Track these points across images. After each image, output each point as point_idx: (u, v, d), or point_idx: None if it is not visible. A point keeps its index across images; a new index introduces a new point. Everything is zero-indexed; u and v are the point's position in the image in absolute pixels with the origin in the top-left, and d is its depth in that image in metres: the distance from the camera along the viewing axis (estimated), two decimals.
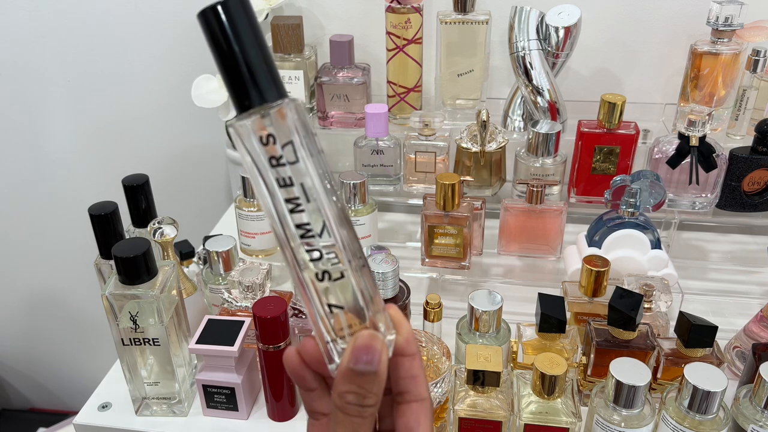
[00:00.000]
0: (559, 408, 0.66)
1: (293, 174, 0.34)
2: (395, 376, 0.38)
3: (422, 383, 0.38)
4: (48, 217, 1.43)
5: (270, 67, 0.34)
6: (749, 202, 0.92)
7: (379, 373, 0.35)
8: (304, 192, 0.34)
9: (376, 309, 0.37)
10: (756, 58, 0.93)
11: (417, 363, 0.38)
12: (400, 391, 0.38)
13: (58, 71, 1.25)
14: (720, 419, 0.64)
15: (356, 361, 0.35)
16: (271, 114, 0.33)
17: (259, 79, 0.33)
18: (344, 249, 0.35)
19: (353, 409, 0.35)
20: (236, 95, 0.33)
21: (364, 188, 0.94)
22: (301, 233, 0.34)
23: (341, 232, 0.35)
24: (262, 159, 0.33)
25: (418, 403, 0.38)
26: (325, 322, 0.36)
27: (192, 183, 1.35)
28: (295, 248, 0.35)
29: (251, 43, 0.33)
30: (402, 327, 0.38)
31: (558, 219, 0.92)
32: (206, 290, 0.88)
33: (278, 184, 0.34)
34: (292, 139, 0.33)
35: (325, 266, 0.35)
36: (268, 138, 0.33)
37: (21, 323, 1.62)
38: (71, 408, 1.73)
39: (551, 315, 0.72)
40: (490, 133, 0.95)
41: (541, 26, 0.96)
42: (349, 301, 0.36)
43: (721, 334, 0.72)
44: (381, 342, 0.35)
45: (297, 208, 0.34)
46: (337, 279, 0.35)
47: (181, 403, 0.77)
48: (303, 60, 1.03)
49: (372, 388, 0.35)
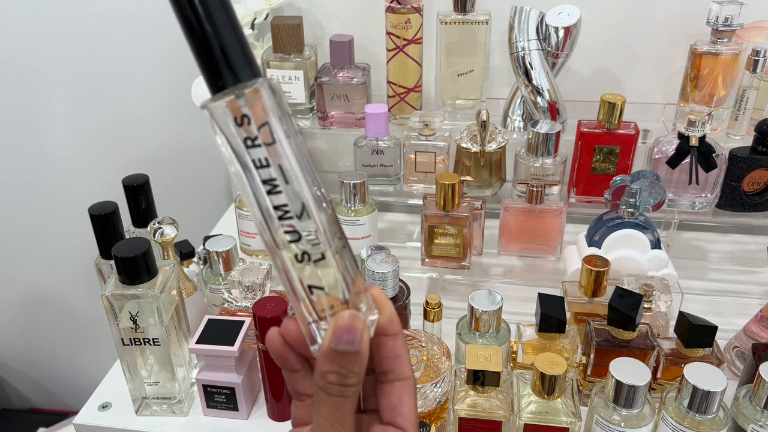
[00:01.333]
0: (559, 408, 0.66)
1: (270, 155, 0.33)
2: (378, 356, 0.38)
3: (405, 362, 0.38)
4: (48, 217, 1.43)
5: (243, 46, 0.32)
6: (749, 202, 0.92)
7: (361, 352, 0.35)
8: (282, 173, 0.33)
9: (358, 290, 0.36)
10: (756, 58, 0.93)
11: (400, 342, 0.38)
12: (384, 371, 0.38)
13: (58, 71, 1.25)
14: (720, 419, 0.64)
15: (337, 341, 0.34)
16: (245, 94, 0.32)
17: (232, 59, 0.32)
18: (324, 230, 0.34)
19: (335, 389, 0.35)
20: (209, 75, 0.32)
21: (364, 188, 0.94)
22: (279, 214, 0.34)
23: (320, 213, 0.34)
24: (237, 140, 0.32)
25: (401, 382, 0.38)
26: (306, 303, 0.36)
27: (192, 183, 1.35)
28: (274, 230, 0.34)
29: (223, 22, 0.31)
30: (384, 307, 0.37)
31: (558, 219, 0.92)
32: (206, 290, 0.88)
33: (254, 165, 0.33)
34: (268, 120, 0.32)
35: (304, 247, 0.34)
36: (243, 119, 0.32)
37: (21, 323, 1.62)
38: (71, 408, 1.73)
39: (551, 315, 0.72)
40: (490, 133, 0.95)
41: (541, 26, 0.96)
42: (330, 282, 0.35)
43: (721, 334, 0.72)
44: (362, 322, 0.35)
45: (274, 189, 0.33)
46: (318, 260, 0.35)
47: (181, 403, 0.77)
48: (303, 60, 1.03)
49: (353, 367, 0.35)
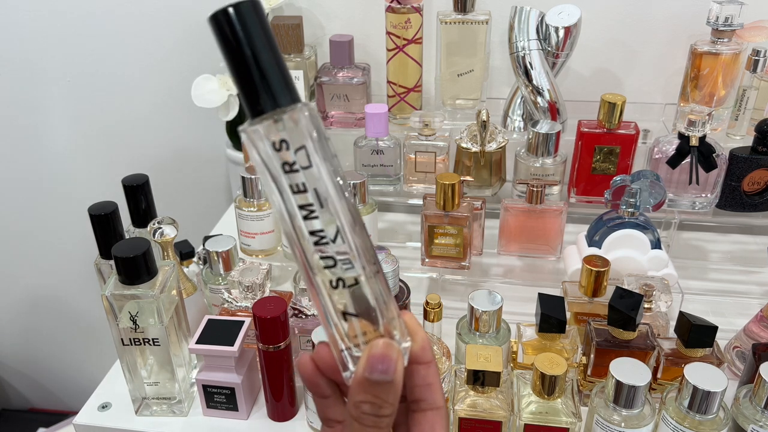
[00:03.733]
0: (559, 408, 0.66)
1: (306, 179, 0.33)
2: (410, 384, 0.37)
3: (437, 391, 0.38)
4: (48, 217, 1.43)
5: (283, 70, 0.33)
6: (749, 202, 0.92)
7: (395, 382, 0.34)
8: (318, 197, 0.33)
9: (391, 316, 0.36)
10: (756, 58, 0.93)
11: (432, 371, 0.37)
12: (415, 399, 0.37)
13: (58, 71, 1.25)
14: (720, 419, 0.64)
15: (372, 371, 0.34)
16: (284, 119, 0.32)
17: (272, 84, 0.32)
18: (358, 255, 0.34)
19: (369, 420, 0.34)
20: (248, 100, 0.33)
21: (364, 188, 0.94)
22: (315, 240, 0.34)
23: (355, 238, 0.34)
24: (275, 164, 0.33)
25: (433, 412, 0.37)
26: (339, 330, 0.35)
27: (192, 183, 1.35)
28: (309, 255, 0.34)
29: (264, 47, 0.32)
30: (417, 334, 0.37)
31: (558, 219, 0.92)
32: (206, 290, 0.88)
33: (291, 191, 0.33)
34: (305, 144, 0.33)
35: (339, 273, 0.34)
36: (281, 143, 0.32)
37: (21, 323, 1.62)
38: (71, 408, 1.73)
39: (551, 315, 0.72)
40: (490, 133, 0.95)
41: (541, 26, 0.96)
42: (364, 308, 0.35)
43: (721, 334, 0.72)
44: (397, 350, 0.35)
45: (311, 215, 0.33)
46: (351, 286, 0.35)
47: (181, 404, 0.77)
48: (303, 60, 1.03)
49: (388, 397, 0.34)
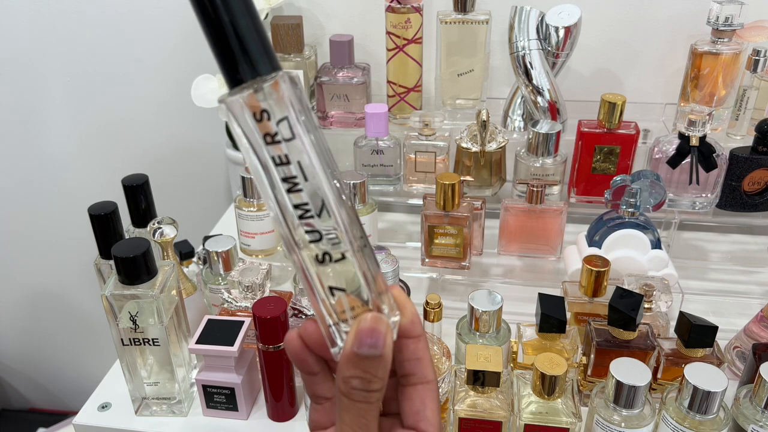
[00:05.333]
0: (559, 408, 0.66)
1: (289, 151, 0.32)
2: (400, 359, 0.37)
3: (428, 365, 0.37)
4: (48, 217, 1.43)
5: (262, 38, 0.31)
6: (749, 202, 0.92)
7: (384, 356, 0.34)
8: (302, 170, 0.32)
9: (379, 290, 0.35)
10: (756, 58, 0.93)
11: (422, 344, 0.37)
12: (405, 374, 0.37)
13: (58, 71, 1.25)
14: (720, 419, 0.64)
15: (360, 345, 0.33)
16: (264, 88, 0.31)
17: (251, 51, 0.31)
18: (345, 229, 0.34)
19: (359, 395, 0.34)
20: (227, 69, 0.31)
21: (364, 188, 0.94)
22: (300, 213, 0.33)
23: (341, 212, 0.33)
24: (256, 136, 0.31)
25: (423, 386, 0.37)
26: (326, 305, 0.35)
27: (192, 183, 1.35)
28: (294, 229, 0.33)
29: (242, 12, 0.30)
30: (406, 308, 0.36)
31: (558, 219, 0.92)
32: (206, 290, 0.88)
33: (274, 162, 0.32)
34: (288, 115, 0.31)
35: (325, 247, 0.33)
36: (262, 114, 0.31)
37: (21, 323, 1.62)
38: (71, 408, 1.73)
39: (551, 315, 0.72)
40: (490, 133, 0.95)
41: (541, 26, 0.96)
42: (351, 282, 0.34)
43: (721, 334, 0.72)
44: (385, 324, 0.34)
45: (294, 188, 0.32)
46: (338, 260, 0.34)
47: (180, 403, 0.77)
48: (303, 60, 1.03)
49: (377, 372, 0.34)
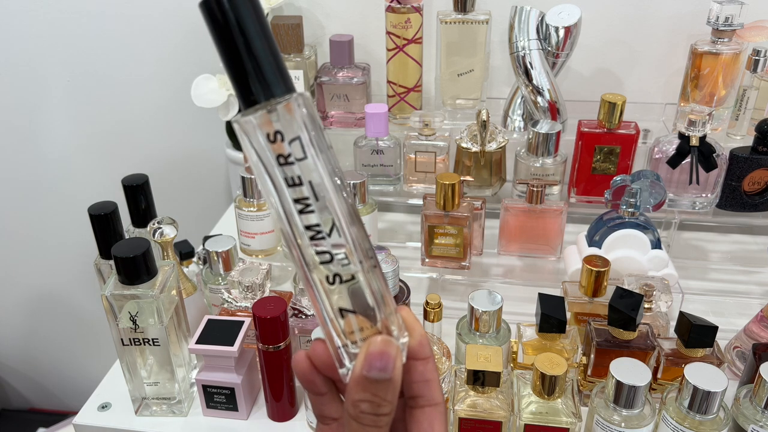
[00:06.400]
0: (559, 408, 0.66)
1: (301, 172, 0.32)
2: (408, 380, 0.36)
3: (436, 387, 0.37)
4: (48, 217, 1.43)
5: (277, 59, 0.32)
6: (749, 202, 0.92)
7: (394, 379, 0.33)
8: (313, 190, 0.32)
9: (389, 311, 0.35)
10: (756, 58, 0.93)
11: (431, 366, 0.37)
12: (413, 396, 0.37)
13: (58, 71, 1.25)
14: (720, 419, 0.64)
15: (370, 368, 0.33)
16: (278, 109, 0.31)
17: (265, 73, 0.31)
18: (355, 250, 0.33)
19: (368, 419, 0.34)
20: (241, 90, 0.32)
21: (364, 188, 0.94)
22: (311, 235, 0.33)
23: (352, 232, 0.33)
24: (269, 157, 0.32)
25: (431, 408, 0.37)
26: (336, 326, 0.35)
27: (192, 183, 1.35)
28: (305, 250, 0.33)
29: (257, 35, 0.31)
30: (415, 330, 0.36)
31: (558, 219, 0.92)
32: (206, 290, 0.88)
33: (286, 184, 0.32)
34: (300, 135, 0.32)
35: (335, 269, 0.33)
36: (276, 135, 0.31)
37: (21, 323, 1.62)
38: (71, 408, 1.73)
39: (551, 315, 0.72)
40: (490, 133, 0.95)
41: (541, 26, 0.96)
42: (361, 304, 0.34)
43: (721, 334, 0.72)
44: (395, 347, 0.34)
45: (306, 209, 0.32)
46: (348, 281, 0.34)
47: (180, 404, 0.77)
48: (303, 60, 1.03)
49: (387, 395, 0.34)
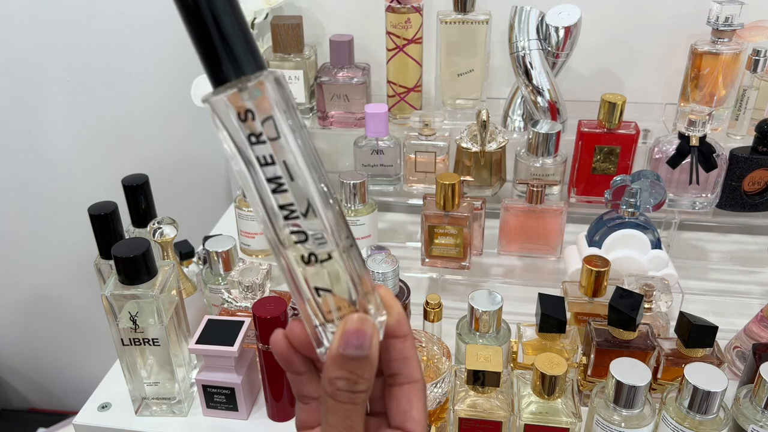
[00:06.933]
0: (559, 408, 0.66)
1: (274, 151, 0.31)
2: (386, 358, 0.37)
3: (414, 364, 0.37)
4: (48, 217, 1.43)
5: (247, 37, 0.31)
6: (749, 202, 0.92)
7: (371, 357, 0.33)
8: (287, 170, 0.32)
9: (366, 290, 0.35)
10: (756, 58, 0.93)
11: (409, 344, 0.37)
12: (392, 373, 0.37)
13: (58, 72, 1.25)
14: (720, 419, 0.64)
15: (346, 346, 0.33)
16: (249, 87, 0.30)
17: (235, 50, 0.30)
18: (331, 229, 0.33)
19: (344, 396, 0.34)
20: (211, 68, 0.31)
21: (364, 188, 0.94)
22: (285, 214, 0.32)
23: (327, 211, 0.33)
24: (240, 136, 0.31)
25: (410, 385, 0.37)
26: (313, 305, 0.34)
27: (192, 183, 1.35)
28: (279, 230, 0.33)
29: (226, 11, 0.30)
30: (392, 308, 0.36)
31: (558, 219, 0.92)
32: (206, 290, 0.88)
33: (259, 163, 0.31)
34: (273, 114, 0.31)
35: (311, 248, 0.33)
36: (246, 113, 0.31)
37: (21, 323, 1.62)
38: (71, 408, 1.73)
39: (551, 315, 0.72)
40: (490, 133, 0.95)
41: (541, 26, 0.96)
42: (337, 283, 0.34)
43: (721, 334, 0.72)
44: (371, 325, 0.34)
45: (280, 188, 0.32)
46: (324, 260, 0.34)
47: (180, 404, 0.77)
48: (303, 60, 1.03)
49: (363, 373, 0.34)
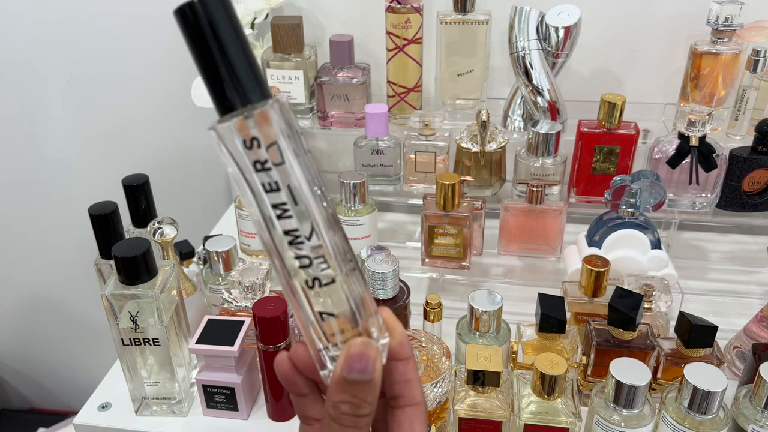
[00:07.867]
0: (559, 408, 0.66)
1: (279, 177, 0.32)
2: (389, 381, 0.37)
3: (416, 387, 0.37)
4: (48, 218, 1.43)
5: (252, 66, 0.32)
6: (749, 202, 0.92)
7: (374, 381, 0.34)
8: (291, 194, 0.33)
9: (368, 313, 0.35)
10: (756, 58, 0.93)
11: (411, 367, 0.37)
12: (394, 396, 0.37)
13: (58, 72, 1.25)
14: (720, 419, 0.64)
15: (350, 370, 0.34)
16: (254, 116, 0.31)
17: (241, 79, 0.32)
18: (334, 253, 0.34)
19: (348, 420, 0.34)
20: (217, 96, 0.32)
21: (364, 188, 0.94)
22: (290, 239, 0.33)
23: (330, 236, 0.34)
24: (246, 163, 0.32)
25: (412, 408, 0.37)
26: (317, 329, 0.35)
27: (192, 183, 1.35)
28: (284, 255, 0.34)
29: (232, 42, 0.31)
30: (395, 330, 0.36)
31: (558, 219, 0.92)
32: (206, 290, 0.88)
33: (264, 189, 0.32)
34: (277, 141, 0.32)
35: (314, 272, 0.34)
36: (252, 141, 0.32)
37: (21, 323, 1.62)
38: (71, 408, 1.73)
39: (551, 315, 0.72)
40: (490, 133, 0.95)
41: (541, 26, 0.96)
42: (341, 306, 0.35)
43: (721, 334, 0.72)
44: (375, 349, 0.34)
45: (284, 214, 0.33)
46: (328, 284, 0.34)
47: (181, 403, 0.77)
48: (303, 60, 1.03)
49: (367, 397, 0.34)
